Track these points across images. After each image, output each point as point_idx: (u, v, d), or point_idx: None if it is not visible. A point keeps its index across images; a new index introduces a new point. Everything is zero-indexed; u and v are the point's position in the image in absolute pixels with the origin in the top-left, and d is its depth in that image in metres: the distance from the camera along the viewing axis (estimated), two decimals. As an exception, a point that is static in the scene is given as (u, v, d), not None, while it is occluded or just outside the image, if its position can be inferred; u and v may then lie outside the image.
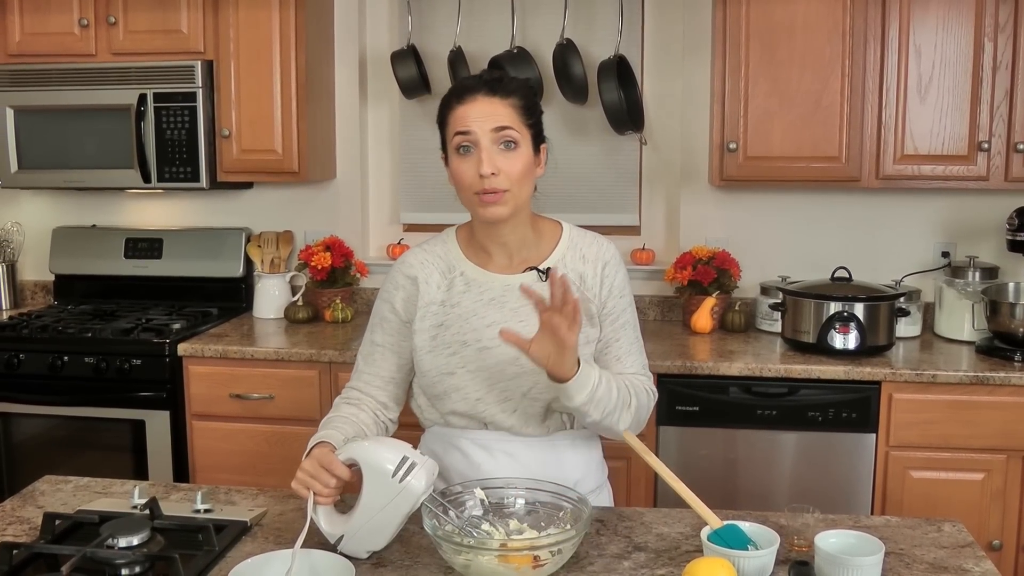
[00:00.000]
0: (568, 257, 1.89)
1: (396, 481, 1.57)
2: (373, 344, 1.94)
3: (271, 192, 3.83)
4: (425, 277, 1.88)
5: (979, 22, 3.04)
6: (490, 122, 1.76)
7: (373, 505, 1.58)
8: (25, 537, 1.71)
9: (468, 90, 1.79)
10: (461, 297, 1.86)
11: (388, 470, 1.57)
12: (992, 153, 3.08)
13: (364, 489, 1.60)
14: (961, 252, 3.45)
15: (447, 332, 1.85)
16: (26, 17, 3.48)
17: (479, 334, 1.83)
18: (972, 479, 2.89)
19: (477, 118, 1.76)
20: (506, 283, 1.86)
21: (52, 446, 3.31)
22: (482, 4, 3.64)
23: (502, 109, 1.77)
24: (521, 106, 1.79)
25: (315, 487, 1.62)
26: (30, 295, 4.04)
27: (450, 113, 1.80)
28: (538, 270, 1.86)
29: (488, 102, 1.77)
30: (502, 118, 1.76)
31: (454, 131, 1.78)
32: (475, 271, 1.88)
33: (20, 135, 3.51)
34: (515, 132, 1.77)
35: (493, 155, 1.75)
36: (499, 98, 1.77)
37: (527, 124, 1.80)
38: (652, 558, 1.62)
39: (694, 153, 3.57)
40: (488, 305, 1.85)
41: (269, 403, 3.17)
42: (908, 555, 1.63)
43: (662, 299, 3.66)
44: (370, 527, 1.60)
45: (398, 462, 1.58)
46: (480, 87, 1.79)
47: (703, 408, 2.98)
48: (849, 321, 3.00)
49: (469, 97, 1.78)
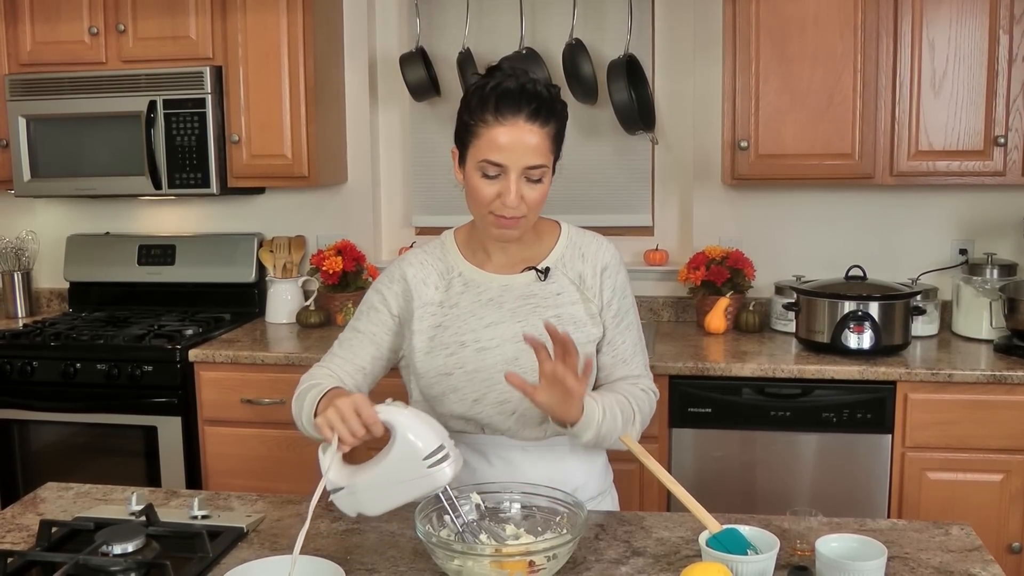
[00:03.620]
0: (567, 256, 1.87)
1: (425, 465, 1.53)
2: (354, 331, 1.90)
3: (283, 197, 3.84)
4: (423, 277, 1.86)
5: (993, 14, 2.98)
6: (526, 158, 1.67)
7: (390, 475, 1.55)
8: (23, 544, 1.71)
9: (510, 108, 1.67)
10: (459, 298, 1.84)
11: (421, 451, 1.53)
12: (1009, 148, 3.03)
13: (388, 456, 1.56)
14: (979, 249, 3.39)
15: (445, 333, 1.82)
16: (37, 26, 3.51)
17: (477, 335, 1.81)
18: (990, 480, 2.83)
19: (513, 150, 1.66)
20: (504, 283, 1.84)
21: (65, 453, 3.32)
22: (491, 5, 3.62)
23: (539, 141, 1.68)
24: (555, 133, 1.71)
25: (342, 433, 1.54)
26: (45, 303, 4.07)
27: (484, 128, 1.68)
28: (536, 269, 1.84)
29: (528, 131, 1.67)
30: (538, 154, 1.68)
31: (484, 155, 1.68)
32: (473, 271, 1.85)
33: (32, 144, 3.53)
34: (545, 167, 1.70)
35: (520, 187, 1.68)
36: (538, 127, 1.67)
37: (553, 151, 1.73)
38: (650, 563, 1.59)
39: (707, 152, 3.53)
40: (486, 306, 1.82)
41: (280, 408, 3.16)
42: (913, 559, 1.60)
43: (676, 300, 3.63)
44: (376, 493, 1.56)
45: (434, 448, 1.54)
46: (522, 110, 1.66)
47: (716, 410, 2.95)
48: (863, 320, 2.96)
49: (510, 119, 1.66)
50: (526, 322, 1.78)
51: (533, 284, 1.83)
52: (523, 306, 1.80)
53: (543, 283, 1.83)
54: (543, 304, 1.82)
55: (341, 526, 1.78)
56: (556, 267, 1.85)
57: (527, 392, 1.59)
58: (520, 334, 1.75)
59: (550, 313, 1.81)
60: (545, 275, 1.83)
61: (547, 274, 1.83)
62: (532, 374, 1.75)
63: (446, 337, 1.82)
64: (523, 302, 1.81)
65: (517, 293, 1.82)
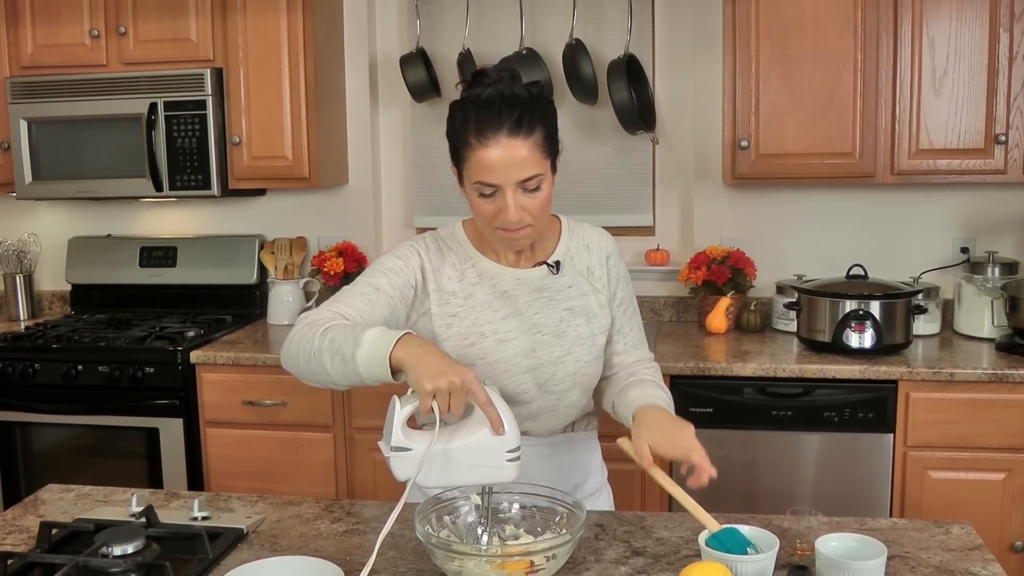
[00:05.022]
0: (572, 249, 1.87)
1: (504, 458, 1.53)
2: (373, 288, 1.75)
3: (284, 198, 3.84)
4: (438, 263, 1.82)
5: (994, 12, 2.98)
6: (517, 173, 1.63)
7: (466, 455, 1.52)
8: (24, 546, 1.71)
9: (490, 125, 1.62)
10: (474, 288, 1.81)
11: (509, 442, 1.53)
12: (1010, 146, 3.02)
13: (473, 436, 1.52)
14: (980, 247, 3.39)
15: (463, 323, 1.79)
16: (38, 29, 3.51)
17: (495, 326, 1.79)
18: (992, 479, 2.83)
19: (502, 168, 1.62)
20: (518, 277, 1.83)
21: (67, 455, 3.33)
22: (491, 6, 3.62)
23: (528, 152, 1.63)
24: (544, 138, 1.66)
25: (444, 405, 1.46)
26: (47, 305, 4.07)
27: (469, 151, 1.64)
28: (548, 264, 1.84)
29: (513, 146, 1.62)
30: (529, 166, 1.63)
31: (476, 177, 1.65)
32: (487, 263, 1.83)
33: (34, 146, 3.53)
34: (541, 175, 1.66)
35: (519, 200, 1.65)
36: (522, 138, 1.62)
37: (548, 154, 1.68)
38: (650, 563, 1.59)
39: (707, 152, 3.53)
40: (501, 298, 1.81)
41: (282, 409, 3.17)
42: (913, 558, 1.59)
43: (677, 300, 3.63)
44: (443, 467, 1.52)
45: (517, 445, 1.54)
46: (502, 126, 1.62)
47: (717, 409, 2.95)
48: (864, 319, 2.95)
49: (492, 138, 1.62)
50: (542, 313, 1.80)
51: (546, 278, 1.83)
52: (537, 299, 1.81)
53: (555, 276, 1.83)
54: (556, 297, 1.82)
55: (341, 526, 1.78)
56: (565, 260, 1.85)
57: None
58: (536, 326, 1.79)
59: (563, 306, 1.82)
60: (557, 269, 1.84)
61: (559, 268, 1.84)
62: (548, 366, 1.79)
63: (464, 327, 1.79)
64: (537, 295, 1.81)
65: (531, 287, 1.82)
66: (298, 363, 1.64)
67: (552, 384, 1.81)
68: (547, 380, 1.80)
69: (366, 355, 1.53)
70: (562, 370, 1.80)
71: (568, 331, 1.81)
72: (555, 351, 1.80)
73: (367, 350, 1.53)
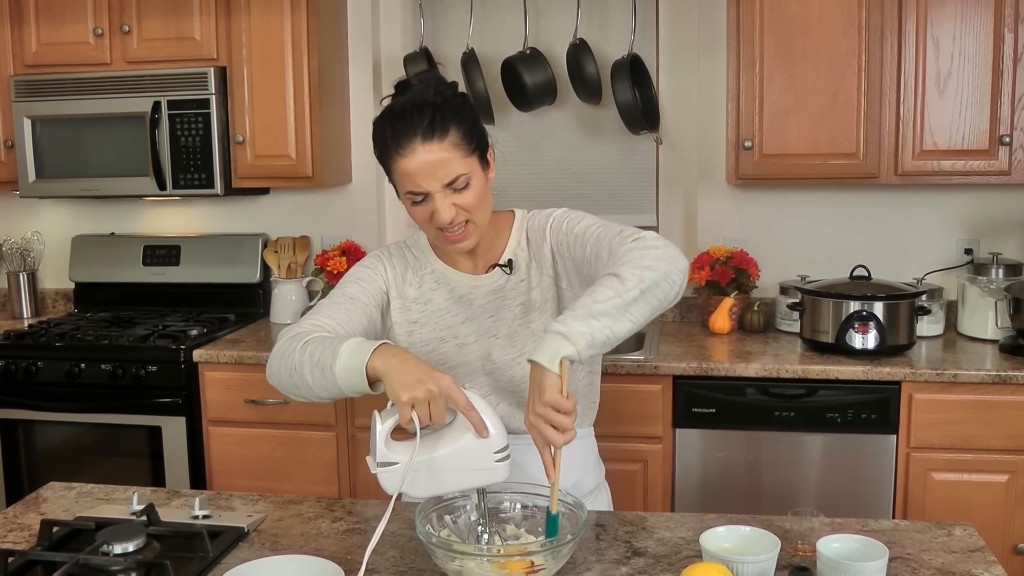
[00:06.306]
0: (523, 243, 1.84)
1: (494, 458, 1.52)
2: (348, 297, 1.79)
3: (287, 197, 3.84)
4: (401, 271, 1.86)
5: (998, 13, 2.97)
6: (439, 177, 1.63)
7: (454, 460, 1.52)
8: (25, 544, 1.71)
9: (404, 134, 1.63)
10: (432, 294, 1.85)
11: (496, 443, 1.52)
12: (1014, 147, 3.01)
13: (458, 442, 1.51)
14: (984, 248, 3.38)
15: (423, 329, 1.83)
16: (42, 27, 3.51)
17: (455, 331, 1.82)
18: (996, 481, 2.82)
19: (424, 174, 1.63)
20: (473, 283, 1.84)
21: (70, 453, 3.33)
22: (495, 5, 3.62)
23: (444, 154, 1.63)
24: (461, 136, 1.65)
25: (423, 415, 1.46)
26: (51, 303, 4.08)
27: (391, 162, 1.66)
28: (500, 266, 1.83)
29: (427, 150, 1.62)
30: (449, 167, 1.63)
31: (402, 187, 1.67)
32: (445, 269, 1.85)
33: (38, 145, 3.54)
34: (465, 173, 1.65)
35: (449, 200, 1.66)
36: (437, 141, 1.62)
37: (471, 150, 1.67)
38: (651, 563, 1.59)
39: (711, 152, 3.52)
40: (459, 303, 1.83)
41: (284, 408, 3.17)
42: (915, 560, 1.59)
43: (680, 300, 3.61)
44: (431, 475, 1.51)
45: (505, 445, 1.53)
46: (416, 131, 1.62)
47: (720, 410, 2.94)
48: (868, 320, 2.95)
49: (407, 146, 1.62)
50: (495, 317, 1.81)
51: (500, 279, 1.83)
52: (493, 301, 1.82)
53: (510, 275, 1.83)
54: (510, 296, 1.82)
55: (342, 525, 1.78)
56: (518, 255, 1.83)
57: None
58: (491, 329, 1.80)
59: (517, 303, 1.81)
60: (511, 268, 1.83)
61: (512, 267, 1.83)
62: (504, 368, 1.79)
63: (425, 333, 1.83)
64: (493, 296, 1.82)
65: (487, 289, 1.83)
66: (281, 378, 1.65)
67: (513, 385, 1.81)
68: (507, 382, 1.81)
69: (343, 366, 1.53)
70: (519, 372, 1.78)
71: (520, 331, 1.80)
72: (509, 354, 1.79)
73: (344, 361, 1.53)
